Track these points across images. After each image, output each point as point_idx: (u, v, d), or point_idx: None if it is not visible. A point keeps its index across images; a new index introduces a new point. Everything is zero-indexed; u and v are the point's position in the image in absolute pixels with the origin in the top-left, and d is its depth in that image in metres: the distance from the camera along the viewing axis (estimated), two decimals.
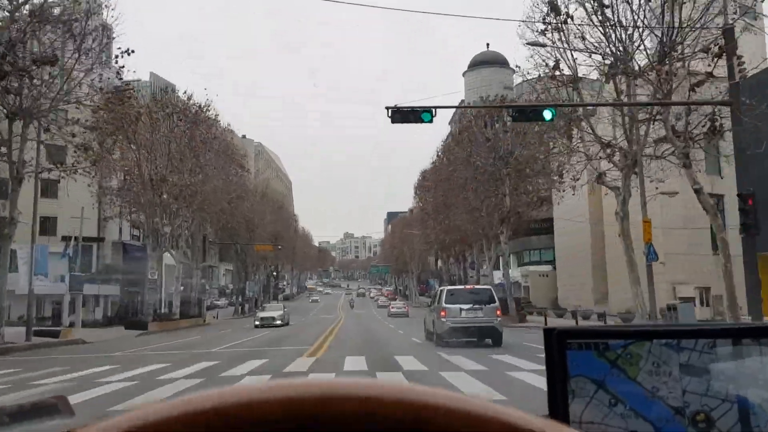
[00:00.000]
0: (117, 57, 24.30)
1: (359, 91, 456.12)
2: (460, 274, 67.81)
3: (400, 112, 16.29)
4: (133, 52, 24.35)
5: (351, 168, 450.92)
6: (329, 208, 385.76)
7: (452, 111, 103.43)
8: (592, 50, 21.73)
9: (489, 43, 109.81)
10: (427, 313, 23.41)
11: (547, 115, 16.20)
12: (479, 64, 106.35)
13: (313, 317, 58.14)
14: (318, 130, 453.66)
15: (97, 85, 23.88)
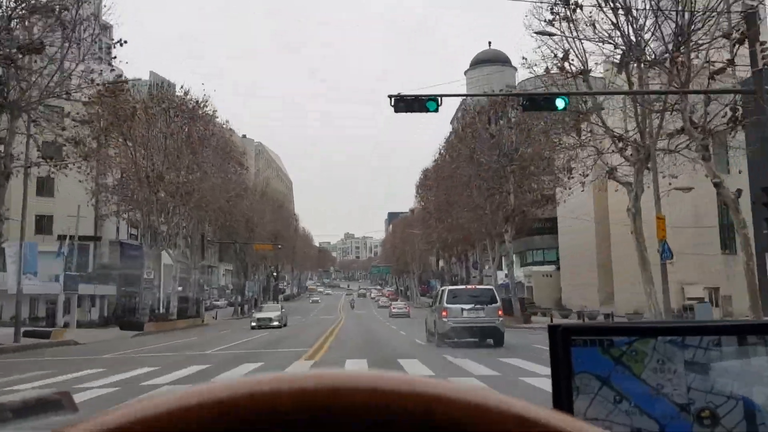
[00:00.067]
0: (109, 48, 23.39)
1: (359, 91, 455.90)
2: (462, 274, 66.91)
3: (404, 101, 15.38)
4: (126, 42, 23.46)
5: (351, 168, 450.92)
6: (329, 208, 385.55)
7: (454, 110, 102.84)
8: (604, 38, 20.82)
9: (491, 41, 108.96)
10: (429, 313, 23.24)
11: (559, 103, 15.28)
12: (481, 62, 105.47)
13: (314, 318, 57.47)
14: (318, 130, 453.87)
15: (88, 77, 22.95)
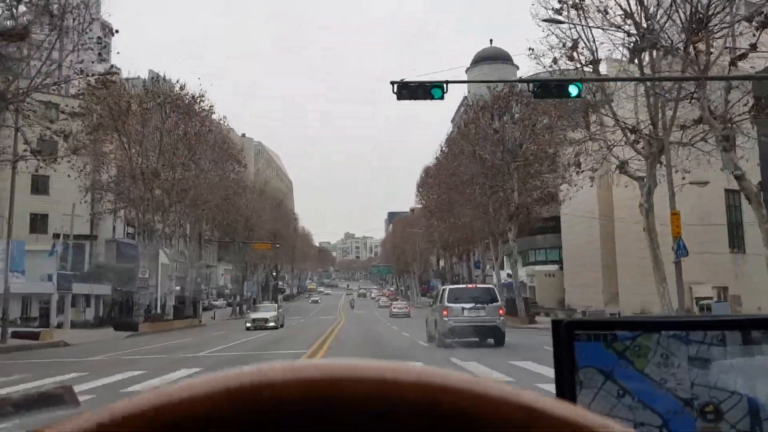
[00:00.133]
0: (100, 38, 22.50)
1: (359, 91, 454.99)
2: (463, 273, 66.00)
3: (408, 88, 14.46)
4: (117, 32, 22.53)
5: (351, 168, 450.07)
6: (329, 208, 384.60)
7: (454, 110, 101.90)
8: (617, 25, 19.88)
9: (492, 39, 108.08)
10: (429, 312, 22.89)
11: (572, 90, 14.36)
12: (482, 60, 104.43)
13: (313, 318, 56.69)
14: (318, 130, 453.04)
15: (78, 67, 22.05)
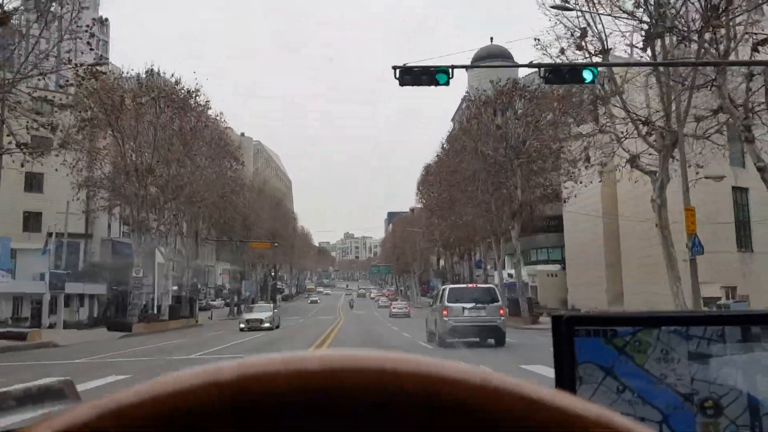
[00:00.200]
0: (89, 26, 21.56)
1: (359, 91, 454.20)
2: (464, 273, 65.11)
3: (411, 73, 13.56)
4: (107, 20, 21.63)
5: (351, 168, 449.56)
6: (329, 208, 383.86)
7: (454, 108, 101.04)
8: (628, 12, 19.01)
9: (493, 37, 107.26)
10: (429, 312, 22.59)
11: (587, 75, 13.49)
12: (483, 58, 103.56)
13: (312, 318, 55.89)
14: (318, 130, 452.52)
15: (66, 56, 21.18)
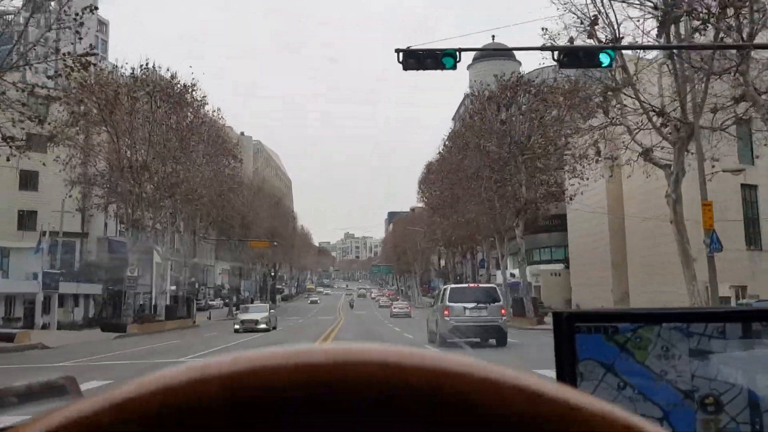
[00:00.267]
0: (78, 15, 20.67)
1: (359, 91, 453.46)
2: (466, 272, 64.18)
3: (415, 56, 12.61)
4: (97, 9, 20.75)
5: (351, 168, 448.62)
6: (329, 208, 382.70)
7: (455, 108, 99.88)
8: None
9: (494, 35, 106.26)
10: (431, 312, 22.45)
11: (604, 58, 12.63)
12: (484, 56, 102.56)
13: (312, 318, 55.07)
14: (318, 130, 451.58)
15: (53, 45, 20.27)
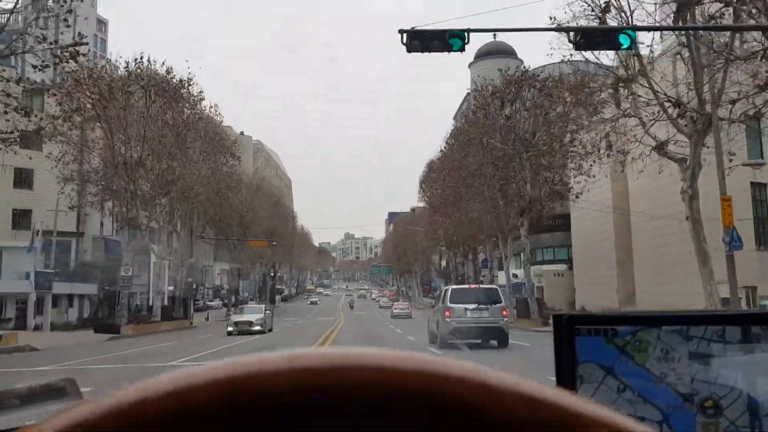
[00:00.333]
0: (65, 0, 19.76)
1: (359, 91, 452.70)
2: (468, 273, 63.21)
3: (421, 37, 11.69)
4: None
5: (351, 168, 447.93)
6: (329, 208, 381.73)
7: (455, 108, 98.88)
8: None
9: (496, 33, 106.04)
10: (431, 313, 22.37)
11: (624, 40, 11.72)
12: (486, 54, 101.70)
13: (311, 319, 54.22)
14: (318, 130, 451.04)
15: (41, 34, 19.36)
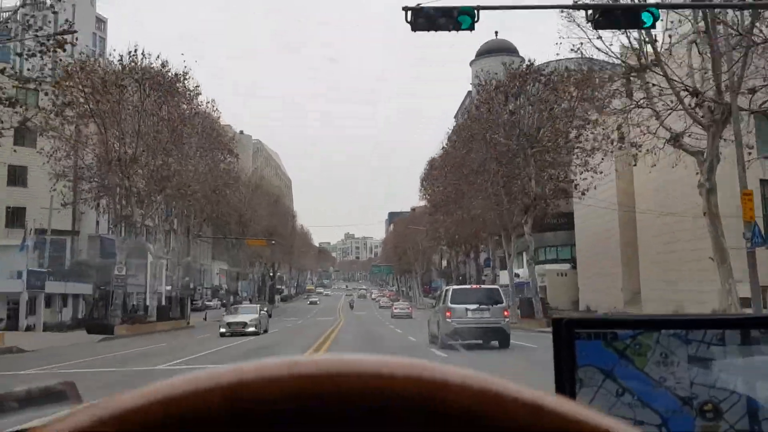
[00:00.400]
0: None
1: (359, 91, 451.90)
2: (470, 272, 62.29)
3: (426, 15, 10.83)
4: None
5: (351, 168, 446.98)
6: (329, 208, 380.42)
7: (457, 104, 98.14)
8: None
9: (497, 31, 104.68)
10: (432, 314, 22.21)
11: (646, 18, 10.82)
12: (487, 52, 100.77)
13: (311, 319, 53.40)
14: (318, 130, 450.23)
15: (25, 21, 18.49)
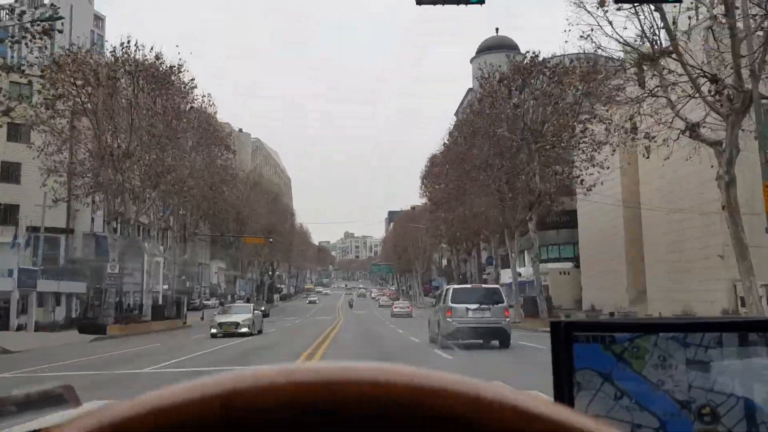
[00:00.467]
0: None
1: (359, 91, 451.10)
2: (471, 270, 61.43)
3: None
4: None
5: (351, 167, 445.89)
6: (329, 207, 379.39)
7: (456, 105, 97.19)
8: None
9: (498, 28, 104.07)
10: (432, 313, 22.05)
11: None
12: (487, 49, 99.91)
13: (310, 318, 52.61)
14: (318, 130, 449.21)
15: (8, 5, 17.64)
